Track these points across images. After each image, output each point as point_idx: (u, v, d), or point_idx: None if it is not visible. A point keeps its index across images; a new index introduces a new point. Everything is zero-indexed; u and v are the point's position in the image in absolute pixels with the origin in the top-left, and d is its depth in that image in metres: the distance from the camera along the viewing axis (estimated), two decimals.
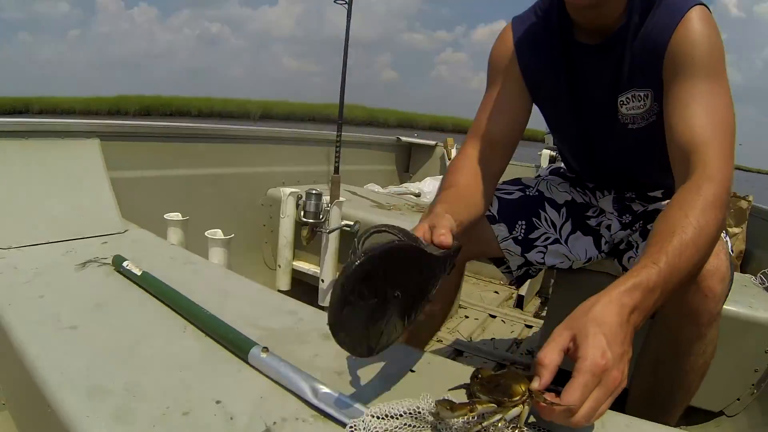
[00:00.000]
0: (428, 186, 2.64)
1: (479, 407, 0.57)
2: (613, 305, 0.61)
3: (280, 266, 1.79)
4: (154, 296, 0.93)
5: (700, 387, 0.95)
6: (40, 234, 1.15)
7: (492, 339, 2.01)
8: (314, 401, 0.64)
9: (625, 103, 0.99)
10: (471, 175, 1.00)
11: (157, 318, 0.86)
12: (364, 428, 0.58)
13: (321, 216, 1.61)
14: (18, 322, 0.81)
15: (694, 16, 0.85)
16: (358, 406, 0.62)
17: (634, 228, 1.17)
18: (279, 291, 1.79)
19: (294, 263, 1.82)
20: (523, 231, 1.18)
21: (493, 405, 0.57)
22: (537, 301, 2.41)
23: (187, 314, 0.86)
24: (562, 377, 0.57)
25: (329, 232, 1.64)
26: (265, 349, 0.72)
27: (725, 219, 0.76)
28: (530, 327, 2.20)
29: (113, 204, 1.31)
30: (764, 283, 1.50)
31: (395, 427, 0.59)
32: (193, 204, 1.72)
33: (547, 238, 1.20)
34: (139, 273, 0.95)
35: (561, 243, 1.20)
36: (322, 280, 1.71)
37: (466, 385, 0.66)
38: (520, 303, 2.41)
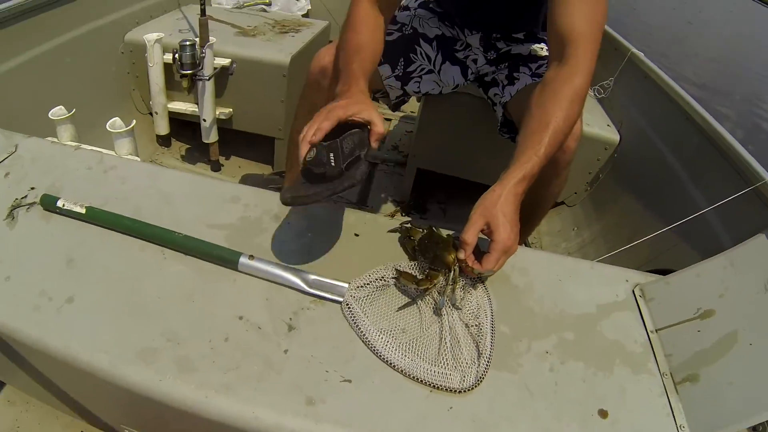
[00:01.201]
0: None
1: (435, 280, 0.83)
2: (511, 197, 0.85)
3: (157, 113, 1.80)
4: (110, 229, 0.91)
5: None
6: None
7: None
8: (309, 290, 0.83)
9: None
10: (370, 33, 1.09)
11: (132, 254, 0.87)
12: (354, 300, 0.81)
13: (198, 63, 1.61)
14: (16, 321, 0.77)
15: None
16: (340, 283, 0.84)
17: (500, 67, 1.37)
18: (158, 135, 1.85)
19: (168, 106, 1.83)
20: (402, 67, 1.34)
21: (438, 275, 0.84)
22: None
23: (158, 240, 0.89)
24: None
25: (210, 78, 1.66)
26: (251, 257, 0.85)
27: (584, 102, 0.98)
28: (389, 120, 2.45)
29: None
30: (599, 95, 1.86)
31: (372, 291, 0.83)
32: (58, 83, 1.61)
33: (422, 69, 1.36)
34: (83, 211, 0.91)
35: (434, 72, 1.38)
36: (204, 120, 1.78)
37: (403, 242, 0.94)
38: (374, 99, 2.62)
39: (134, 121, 1.28)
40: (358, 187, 1.94)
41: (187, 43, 1.56)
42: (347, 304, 0.81)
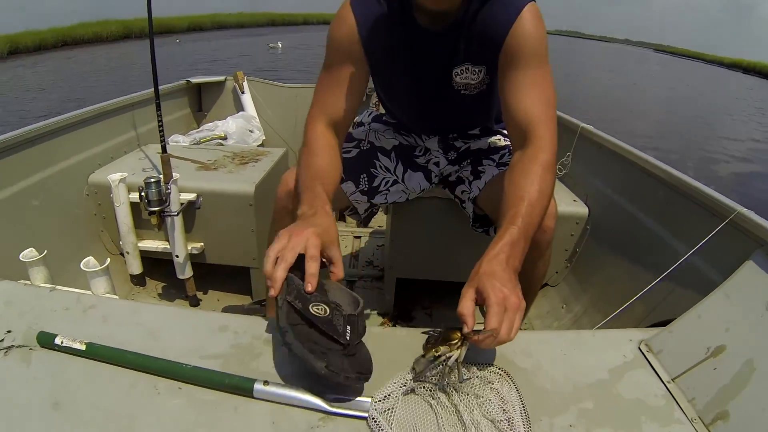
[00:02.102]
0: (231, 126, 2.64)
1: (440, 348, 0.80)
2: (494, 260, 0.85)
3: (128, 252, 1.78)
4: (111, 364, 0.87)
5: None
6: None
7: None
8: (330, 409, 0.78)
9: (460, 74, 1.16)
10: (328, 155, 1.11)
11: (123, 392, 0.82)
12: (379, 413, 0.77)
13: (165, 200, 1.62)
14: None
15: (527, 14, 1.03)
16: (362, 399, 0.79)
17: (462, 165, 1.42)
18: (132, 275, 1.82)
19: (139, 245, 1.81)
20: (366, 182, 1.36)
21: (445, 347, 0.81)
22: None
23: (164, 373, 0.85)
24: None
25: (178, 214, 1.66)
26: (266, 382, 0.80)
27: (555, 177, 1.02)
28: (358, 237, 2.48)
29: None
30: (559, 173, 1.94)
31: (396, 401, 0.79)
32: (26, 227, 1.60)
33: (387, 182, 1.39)
34: (82, 347, 0.88)
35: (399, 182, 1.41)
36: (177, 256, 1.76)
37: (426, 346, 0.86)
38: (341, 217, 2.66)
39: (108, 260, 1.27)
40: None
41: (152, 180, 1.57)
42: (373, 418, 0.77)
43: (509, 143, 1.42)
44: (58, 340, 0.89)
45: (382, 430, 0.75)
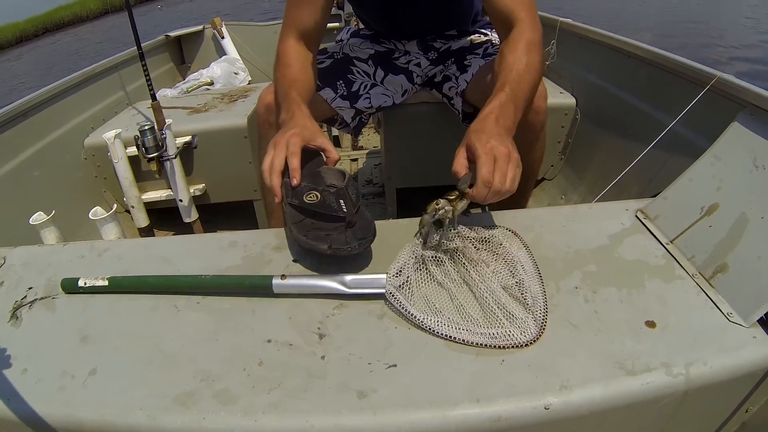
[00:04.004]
0: (216, 71, 2.62)
1: (441, 201, 0.82)
2: (485, 120, 0.87)
3: (133, 207, 1.79)
4: (129, 293, 0.91)
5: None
6: None
7: None
8: (348, 291, 0.82)
9: None
10: (300, 65, 1.15)
11: (144, 316, 0.86)
12: (395, 288, 0.80)
13: (161, 145, 1.63)
14: (43, 406, 0.73)
15: None
16: (377, 276, 0.83)
17: (446, 64, 1.42)
18: (140, 229, 1.84)
19: (143, 197, 1.83)
20: (344, 88, 1.38)
21: (444, 201, 0.82)
22: (347, 136, 2.68)
23: (188, 288, 0.88)
24: None
25: (176, 156, 1.68)
26: (283, 276, 0.84)
27: (544, 56, 1.03)
28: (355, 160, 2.49)
29: None
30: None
31: (410, 273, 0.83)
32: (30, 198, 1.61)
33: (365, 86, 1.40)
34: (105, 283, 0.91)
35: (378, 85, 1.42)
36: (180, 200, 1.78)
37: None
38: (337, 142, 2.66)
39: (115, 205, 1.29)
40: None
41: (147, 127, 1.58)
42: (390, 293, 0.80)
43: (490, 38, 1.43)
44: (81, 282, 0.92)
45: (399, 302, 0.79)
